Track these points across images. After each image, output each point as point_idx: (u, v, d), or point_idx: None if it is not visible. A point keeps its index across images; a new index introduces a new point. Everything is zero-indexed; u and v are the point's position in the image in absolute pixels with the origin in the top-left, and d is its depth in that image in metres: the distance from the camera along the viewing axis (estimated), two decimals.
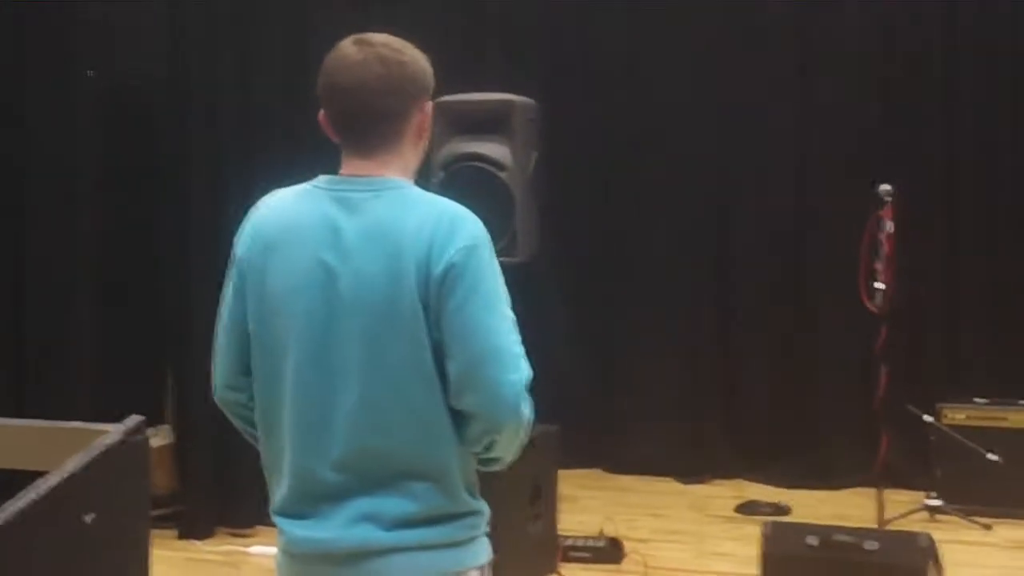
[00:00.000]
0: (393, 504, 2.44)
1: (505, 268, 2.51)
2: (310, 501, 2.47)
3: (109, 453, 1.15)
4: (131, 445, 1.19)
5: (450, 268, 2.40)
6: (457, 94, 5.49)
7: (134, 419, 1.31)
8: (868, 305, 5.79)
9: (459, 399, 2.43)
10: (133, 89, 6.63)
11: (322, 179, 2.54)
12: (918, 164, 6.99)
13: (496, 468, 2.56)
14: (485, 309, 2.42)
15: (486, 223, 2.51)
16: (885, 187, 5.80)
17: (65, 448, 1.36)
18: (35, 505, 1.04)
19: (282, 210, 2.54)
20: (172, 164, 6.45)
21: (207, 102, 6.40)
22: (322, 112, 2.53)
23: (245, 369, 2.55)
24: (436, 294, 2.40)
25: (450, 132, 5.46)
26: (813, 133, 7.17)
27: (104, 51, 6.46)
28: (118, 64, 6.56)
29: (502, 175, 5.37)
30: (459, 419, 2.45)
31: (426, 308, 2.40)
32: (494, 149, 5.41)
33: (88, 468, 1.11)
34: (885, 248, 5.74)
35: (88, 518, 1.10)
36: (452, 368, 2.41)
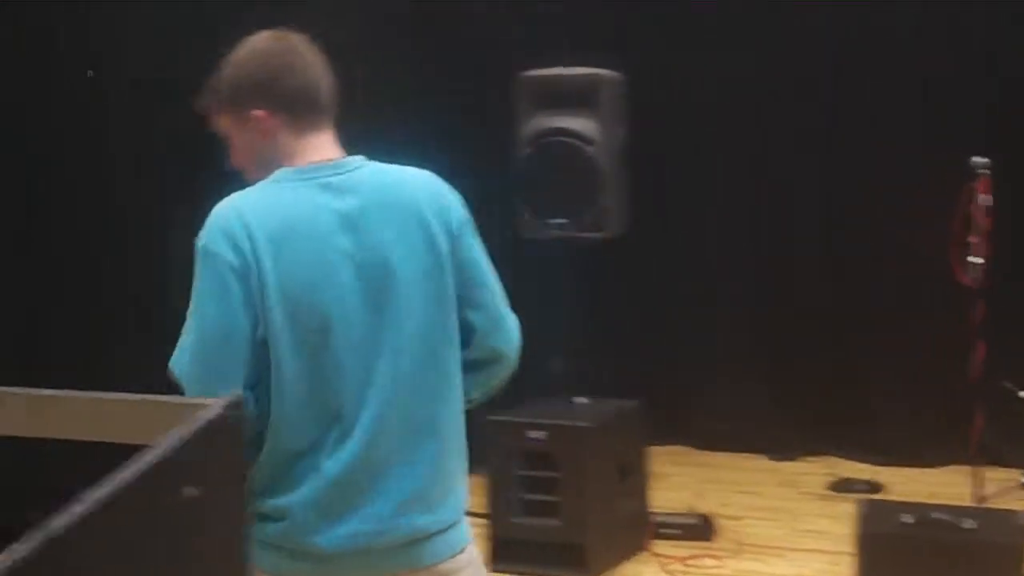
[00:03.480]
0: (435, 486, 2.45)
1: (595, 243, 2.51)
2: (347, 497, 2.39)
3: (209, 427, 1.15)
4: (230, 419, 1.19)
5: (463, 222, 2.50)
6: (543, 68, 5.47)
7: (234, 393, 1.30)
8: (963, 279, 5.68)
9: (484, 345, 2.49)
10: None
11: (284, 172, 2.44)
12: (1017, 135, 6.84)
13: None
14: (485, 256, 2.55)
15: (573, 198, 2.54)
16: (979, 159, 5.67)
17: (157, 421, 1.35)
18: (137, 479, 1.04)
19: (268, 207, 2.39)
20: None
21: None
22: (261, 111, 2.44)
23: (249, 381, 2.35)
24: (456, 247, 2.47)
25: (536, 107, 5.43)
26: (896, 106, 7.02)
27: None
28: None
29: (589, 149, 5.34)
30: (471, 368, 2.50)
31: (450, 262, 2.46)
32: (581, 124, 5.37)
33: (189, 442, 1.11)
34: (981, 222, 5.63)
35: (188, 493, 1.10)
36: (479, 316, 2.47)
